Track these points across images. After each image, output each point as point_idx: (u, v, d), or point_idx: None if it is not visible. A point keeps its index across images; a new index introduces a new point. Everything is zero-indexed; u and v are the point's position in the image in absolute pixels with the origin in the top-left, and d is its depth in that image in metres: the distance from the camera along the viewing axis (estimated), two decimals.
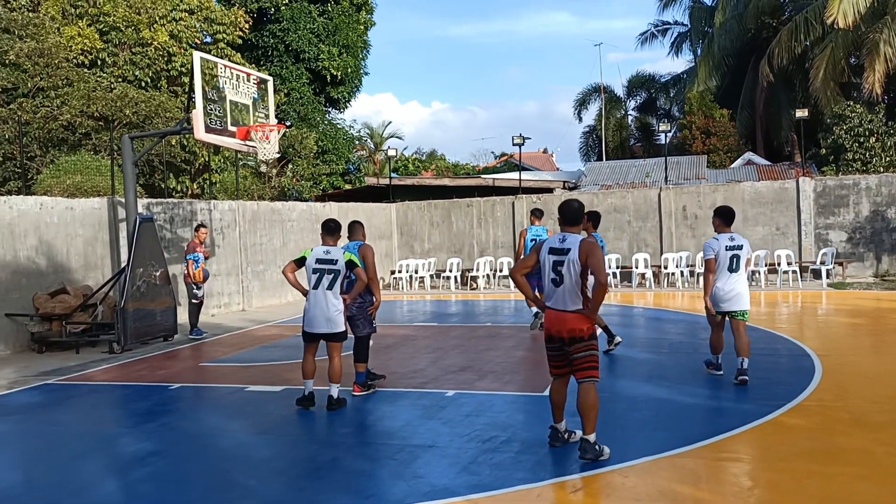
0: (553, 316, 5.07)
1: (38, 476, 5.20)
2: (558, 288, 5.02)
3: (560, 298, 5.02)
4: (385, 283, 20.09)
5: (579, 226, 5.22)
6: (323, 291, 6.53)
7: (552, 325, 5.09)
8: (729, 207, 7.41)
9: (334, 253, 6.62)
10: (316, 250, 6.69)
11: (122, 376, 8.74)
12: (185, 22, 21.21)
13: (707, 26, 36.22)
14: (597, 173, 29.68)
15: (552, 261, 5.04)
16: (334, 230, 6.78)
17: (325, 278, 6.54)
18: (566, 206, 5.20)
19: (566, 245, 5.02)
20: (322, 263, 6.57)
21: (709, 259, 7.19)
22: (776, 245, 17.13)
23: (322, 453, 5.43)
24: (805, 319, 11.50)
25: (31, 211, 11.17)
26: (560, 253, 5.02)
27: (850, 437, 5.26)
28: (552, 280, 5.04)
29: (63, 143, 17.38)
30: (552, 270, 5.04)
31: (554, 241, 5.13)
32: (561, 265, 4.99)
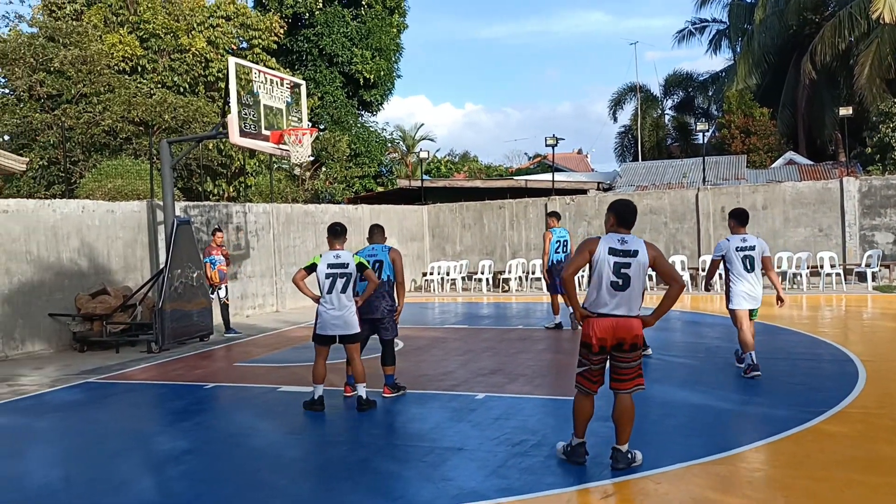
0: (614, 323, 4.64)
1: (78, 472, 5.32)
2: (621, 292, 4.64)
3: (624, 303, 4.65)
4: (416, 285, 20.15)
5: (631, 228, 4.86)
6: (337, 295, 6.61)
7: (612, 333, 4.65)
8: (743, 209, 7.75)
9: (344, 257, 6.70)
10: (326, 255, 6.73)
11: (160, 375, 8.91)
12: (221, 28, 21.59)
13: (746, 23, 35.51)
14: (632, 174, 29.32)
15: (613, 262, 4.63)
16: (341, 233, 6.83)
17: (338, 282, 6.62)
18: (625, 206, 4.83)
19: (631, 247, 4.67)
20: (334, 268, 6.64)
21: (715, 259, 7.69)
22: (819, 247, 16.69)
23: (351, 454, 5.44)
24: (849, 323, 11.17)
25: (74, 214, 11.46)
26: (625, 255, 4.64)
27: (893, 446, 5.07)
28: (612, 283, 4.62)
29: (105, 148, 17.83)
30: (614, 273, 4.62)
31: (613, 242, 4.69)
32: (627, 267, 4.62)
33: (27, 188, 17.67)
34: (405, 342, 10.41)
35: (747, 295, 7.38)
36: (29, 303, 10.77)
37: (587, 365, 4.81)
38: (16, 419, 7.00)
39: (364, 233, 19.05)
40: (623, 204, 4.87)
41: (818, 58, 26.50)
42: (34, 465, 5.49)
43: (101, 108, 17.60)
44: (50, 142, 17.25)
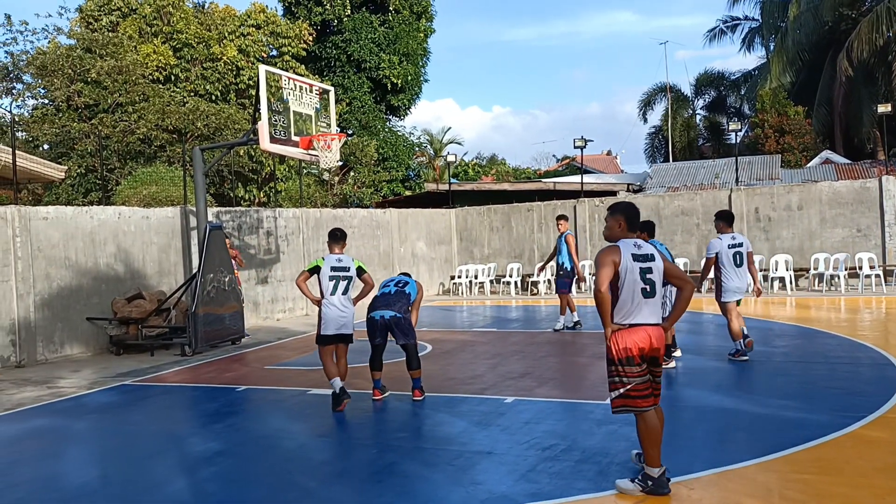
0: (648, 332, 4.40)
1: (114, 472, 5.43)
2: (650, 299, 4.43)
3: (653, 310, 4.45)
4: (445, 288, 20.15)
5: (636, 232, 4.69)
6: (339, 297, 6.98)
7: (649, 342, 4.39)
8: (729, 211, 8.68)
9: (346, 260, 7.11)
10: (329, 258, 7.08)
11: (193, 378, 9.04)
12: (252, 37, 21.93)
13: (780, 20, 34.90)
14: (663, 175, 28.96)
15: (639, 269, 4.41)
16: (340, 238, 7.24)
17: (340, 284, 6.99)
18: (634, 209, 4.64)
19: (646, 251, 4.50)
20: (336, 271, 7.02)
21: (710, 257, 8.44)
22: (857, 248, 16.29)
23: (381, 457, 5.45)
24: (889, 326, 10.86)
25: (111, 220, 11.71)
26: (645, 259, 4.46)
27: None
28: (643, 291, 4.40)
29: (140, 156, 18.21)
30: (641, 280, 4.40)
31: (632, 248, 4.48)
32: (650, 272, 4.43)
33: (66, 195, 18.12)
34: (433, 345, 10.42)
35: (737, 289, 8.35)
36: (67, 307, 11.03)
37: (632, 381, 4.40)
38: (55, 420, 7.16)
39: (391, 236, 19.22)
40: (632, 207, 4.67)
41: (855, 54, 25.95)
42: (72, 466, 5.61)
43: (137, 117, 17.98)
44: (87, 150, 17.67)
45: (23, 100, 20.16)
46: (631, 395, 4.41)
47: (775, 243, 17.19)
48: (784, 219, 17.19)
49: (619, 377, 4.43)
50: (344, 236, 7.29)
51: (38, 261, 10.72)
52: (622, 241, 4.54)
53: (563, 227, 11.56)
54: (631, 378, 4.39)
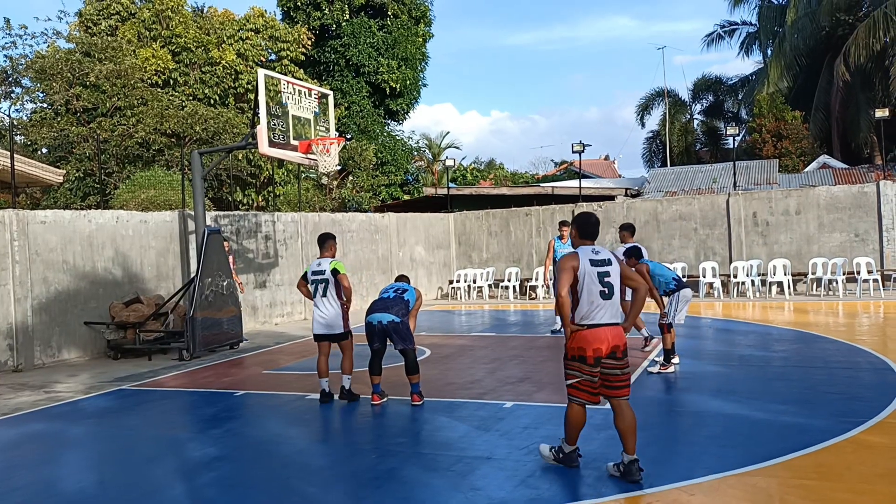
0: (607, 332, 4.72)
1: (111, 478, 5.40)
2: (608, 300, 4.75)
3: (611, 312, 4.77)
4: (443, 292, 20.14)
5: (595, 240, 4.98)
6: (319, 299, 7.42)
7: (607, 342, 4.71)
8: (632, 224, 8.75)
9: (323, 264, 7.46)
10: (311, 264, 7.62)
11: (191, 383, 9.01)
12: (251, 41, 21.95)
13: (777, 25, 35.02)
14: (661, 179, 29.00)
15: (597, 273, 4.75)
16: (322, 242, 7.64)
17: (319, 287, 7.42)
18: (586, 219, 4.98)
19: (604, 256, 4.86)
20: (315, 275, 7.48)
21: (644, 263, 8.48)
22: (855, 252, 16.31)
23: (380, 463, 5.43)
24: (888, 331, 10.86)
25: (109, 224, 11.69)
26: (603, 264, 4.80)
27: None
28: (601, 293, 4.73)
29: (138, 160, 18.21)
30: (600, 283, 4.73)
31: (589, 254, 4.83)
32: (608, 276, 4.77)
33: (64, 199, 18.10)
34: (432, 350, 10.40)
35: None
36: (65, 311, 11.00)
37: (581, 377, 4.83)
38: (52, 425, 7.13)
39: (390, 240, 19.22)
40: (585, 217, 4.99)
41: (852, 59, 26.03)
42: (70, 471, 5.58)
43: (135, 121, 17.98)
44: (85, 154, 17.65)
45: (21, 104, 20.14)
46: (579, 387, 4.89)
47: (773, 248, 17.20)
48: (782, 223, 17.21)
49: (571, 370, 4.93)
50: (326, 240, 7.62)
51: (36, 265, 10.69)
52: (581, 247, 4.91)
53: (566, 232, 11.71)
54: (579, 374, 4.85)
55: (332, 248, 7.60)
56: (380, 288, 17.06)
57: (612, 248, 18.82)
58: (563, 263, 4.83)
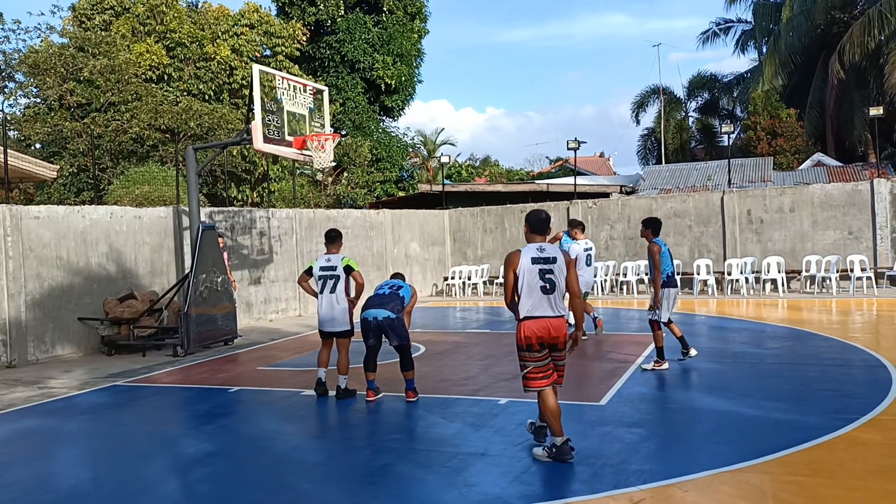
0: (547, 323, 5.11)
1: (105, 473, 5.40)
2: (550, 295, 5.12)
3: (552, 305, 5.12)
4: (438, 289, 20.14)
5: (546, 235, 5.33)
6: (328, 295, 7.33)
7: (548, 332, 5.11)
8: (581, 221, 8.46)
9: (334, 260, 7.40)
10: (319, 259, 7.51)
11: (185, 379, 9.00)
12: (245, 36, 21.87)
13: (773, 23, 35.08)
14: (655, 177, 29.04)
15: (539, 270, 5.12)
16: (332, 239, 7.58)
17: (328, 283, 7.33)
18: (536, 216, 5.32)
19: (550, 254, 5.17)
20: (324, 270, 7.39)
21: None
22: (849, 250, 16.37)
23: (374, 459, 5.43)
24: (881, 328, 10.92)
25: (103, 220, 11.65)
26: (546, 262, 5.14)
27: None
28: (542, 288, 5.11)
29: (132, 155, 18.15)
30: (540, 279, 5.10)
31: (533, 252, 5.17)
32: (550, 273, 5.12)
33: (57, 195, 18.02)
34: (427, 347, 10.41)
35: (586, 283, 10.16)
36: (59, 307, 10.96)
37: (531, 364, 5.17)
38: (46, 421, 7.11)
39: (385, 237, 19.20)
40: (535, 214, 5.33)
41: (847, 57, 26.08)
42: (64, 467, 5.57)
43: (129, 116, 17.91)
44: (79, 149, 17.58)
45: (15, 98, 20.04)
46: (530, 376, 5.18)
47: (767, 245, 17.26)
48: (776, 221, 17.26)
49: (522, 361, 5.22)
50: (336, 237, 7.59)
51: (30, 260, 10.65)
52: (527, 246, 5.27)
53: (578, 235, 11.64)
54: (531, 362, 5.16)
55: (340, 245, 7.62)
56: (374, 284, 17.06)
57: (608, 246, 18.87)
58: (505, 263, 5.28)
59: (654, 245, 8.18)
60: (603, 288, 18.00)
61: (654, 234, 8.34)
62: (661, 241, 8.27)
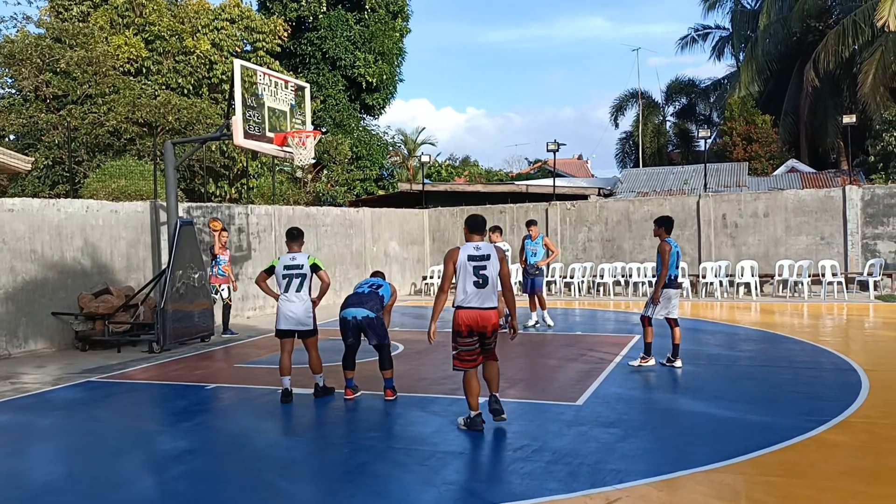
0: (477, 314, 5.78)
1: (80, 470, 5.34)
2: (481, 289, 5.79)
3: (484, 297, 5.80)
4: (416, 288, 20.16)
5: (484, 235, 6.02)
6: (293, 293, 7.17)
7: (477, 321, 5.77)
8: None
9: (300, 258, 7.25)
10: (283, 258, 7.32)
11: (161, 375, 8.91)
12: (226, 31, 21.68)
13: (750, 30, 35.61)
14: (633, 180, 29.33)
15: (473, 266, 5.80)
16: (296, 237, 7.42)
17: (293, 282, 7.17)
18: (474, 218, 6.06)
19: (484, 252, 5.86)
20: (289, 269, 7.22)
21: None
22: (821, 255, 16.69)
23: (353, 457, 5.44)
24: (851, 333, 11.15)
25: (78, 214, 11.48)
26: (481, 259, 5.83)
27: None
28: (475, 283, 5.78)
29: (109, 149, 17.90)
30: (474, 275, 5.79)
31: (470, 250, 5.86)
32: (484, 269, 5.80)
33: (32, 188, 17.72)
34: (405, 346, 10.42)
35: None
36: (32, 301, 10.79)
37: (460, 348, 5.89)
38: (18, 417, 7.01)
39: (364, 235, 19.14)
40: (472, 218, 6.07)
41: (822, 65, 26.55)
42: (37, 463, 5.50)
43: (106, 109, 17.66)
44: (55, 142, 17.30)
45: None
46: (462, 357, 5.90)
47: (741, 249, 17.52)
48: (750, 225, 17.54)
49: (454, 343, 5.92)
50: (299, 235, 7.46)
51: (3, 253, 10.47)
52: (467, 244, 5.94)
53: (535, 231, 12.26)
54: (461, 346, 5.87)
55: (303, 243, 7.50)
56: (353, 283, 17.02)
57: (586, 247, 19.00)
58: (445, 258, 5.96)
59: (665, 244, 8.29)
60: (580, 289, 18.14)
61: (667, 232, 8.46)
62: (672, 241, 8.37)
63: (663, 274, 8.27)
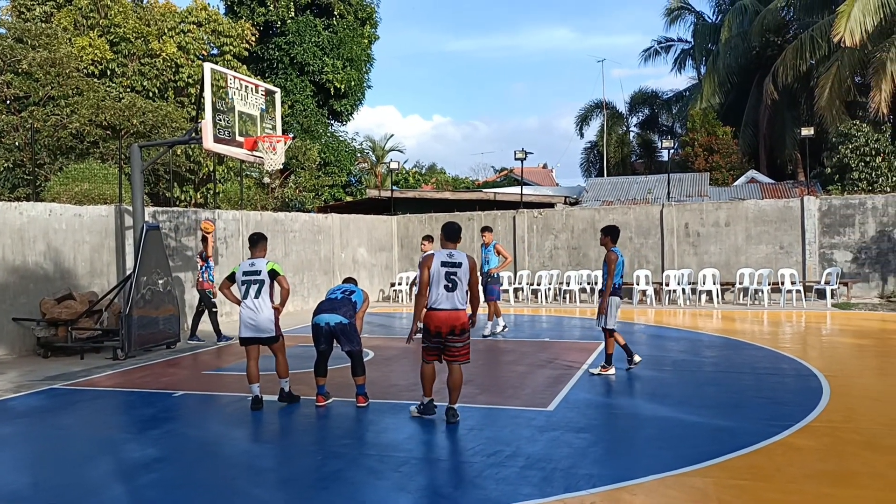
0: (446, 315, 6.26)
1: (45, 479, 5.22)
2: (451, 293, 6.28)
3: (453, 300, 6.28)
4: (385, 294, 20.12)
5: (458, 243, 6.45)
6: (252, 300, 7.10)
7: (445, 322, 6.25)
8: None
9: (258, 264, 7.19)
10: (243, 264, 7.30)
11: (127, 382, 8.75)
12: (193, 34, 21.42)
13: (711, 43, 36.42)
14: (598, 189, 29.73)
15: (445, 272, 6.28)
16: (255, 242, 7.35)
17: (251, 288, 7.10)
18: (450, 226, 6.50)
19: (457, 259, 6.33)
20: (248, 275, 7.16)
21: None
22: (780, 264, 17.14)
23: (326, 464, 5.42)
24: (809, 339, 11.49)
25: (41, 217, 11.22)
26: (453, 266, 6.31)
27: (861, 460, 5.22)
28: (446, 286, 6.27)
29: (71, 151, 17.51)
30: (446, 279, 6.26)
31: (444, 256, 6.32)
32: (455, 275, 6.28)
33: None
34: (375, 352, 10.40)
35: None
36: None
37: (427, 344, 6.39)
38: None
39: (333, 242, 19.03)
40: (448, 225, 6.53)
41: (780, 79, 27.27)
42: (0, 471, 5.36)
43: (69, 112, 17.29)
44: (15, 144, 16.85)
45: None
46: (428, 351, 6.42)
47: (703, 258, 17.91)
48: (712, 234, 17.94)
49: (424, 338, 6.43)
50: (259, 240, 7.35)
51: None
52: (439, 251, 6.41)
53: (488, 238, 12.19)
54: (428, 343, 6.40)
55: (265, 249, 7.37)
56: (322, 289, 16.92)
57: (553, 255, 19.15)
58: (421, 264, 6.42)
59: (612, 253, 8.40)
60: (547, 297, 18.31)
61: (613, 241, 8.57)
62: (618, 251, 8.49)
63: (609, 283, 8.39)
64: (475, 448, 5.64)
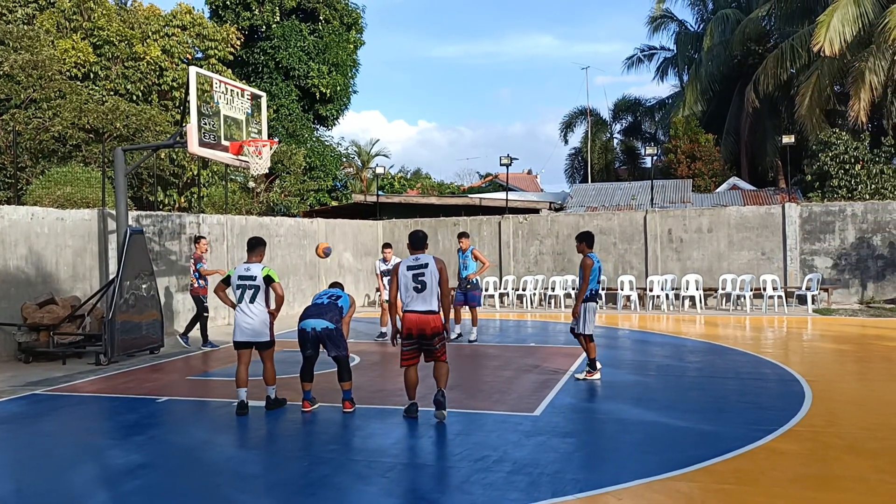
0: (417, 317, 6.52)
1: (28, 485, 5.17)
2: (421, 294, 6.52)
3: (424, 301, 6.52)
4: (370, 300, 20.07)
5: (424, 249, 6.70)
6: (246, 305, 7.15)
7: (416, 325, 6.51)
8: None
9: (254, 269, 7.21)
10: (239, 268, 7.31)
11: (110, 388, 8.66)
12: (177, 38, 21.30)
13: (693, 52, 36.80)
14: (582, 195, 29.92)
15: (412, 274, 6.56)
16: (253, 247, 7.42)
17: (246, 293, 7.14)
18: (413, 235, 6.84)
19: (422, 262, 6.60)
20: (243, 280, 7.19)
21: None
22: (761, 270, 17.33)
23: (313, 469, 5.41)
24: (791, 345, 11.62)
25: (23, 221, 11.10)
26: (419, 268, 6.58)
27: (844, 464, 5.29)
28: (414, 288, 6.53)
29: (54, 155, 17.32)
30: (414, 281, 6.53)
31: (409, 261, 6.65)
32: (422, 276, 6.53)
33: None
34: (361, 357, 10.38)
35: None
36: None
37: (404, 348, 6.65)
38: None
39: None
40: (413, 234, 6.87)
41: (761, 87, 27.58)
42: None
43: (52, 114, 17.10)
44: None
45: None
46: (405, 354, 6.68)
47: (686, 263, 18.06)
48: (695, 240, 18.11)
49: (402, 345, 6.67)
50: (257, 245, 7.40)
51: None
52: (407, 257, 6.74)
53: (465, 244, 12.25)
54: (405, 347, 6.65)
55: (262, 254, 7.40)
56: (307, 294, 16.86)
57: (538, 260, 19.26)
58: (392, 270, 6.86)
59: (588, 259, 8.41)
60: (532, 302, 18.38)
61: (589, 247, 8.57)
62: (594, 257, 8.50)
63: (584, 288, 8.39)
64: (462, 453, 5.65)
